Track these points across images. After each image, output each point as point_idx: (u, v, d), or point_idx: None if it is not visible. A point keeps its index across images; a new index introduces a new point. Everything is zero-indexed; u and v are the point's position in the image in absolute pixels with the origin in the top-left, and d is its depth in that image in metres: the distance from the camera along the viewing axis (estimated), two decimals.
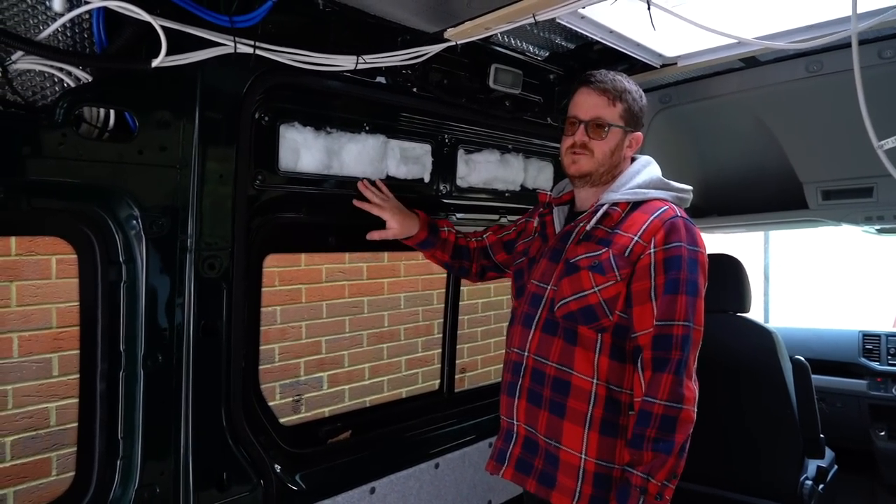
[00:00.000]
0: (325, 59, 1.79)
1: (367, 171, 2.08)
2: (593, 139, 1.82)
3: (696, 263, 1.71)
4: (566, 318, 1.77)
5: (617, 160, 1.86)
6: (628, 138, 1.86)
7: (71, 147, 1.43)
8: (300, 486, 1.99)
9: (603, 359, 1.74)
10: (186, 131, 1.61)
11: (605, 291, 1.73)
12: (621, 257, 1.73)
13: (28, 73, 1.41)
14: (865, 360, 3.80)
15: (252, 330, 1.95)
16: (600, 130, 1.82)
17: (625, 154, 1.87)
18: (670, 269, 1.69)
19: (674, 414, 1.62)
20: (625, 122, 1.84)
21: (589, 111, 1.83)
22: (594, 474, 1.71)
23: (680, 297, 1.67)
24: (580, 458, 1.72)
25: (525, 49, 2.30)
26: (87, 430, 1.65)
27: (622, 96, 1.83)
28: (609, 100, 1.82)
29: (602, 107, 1.82)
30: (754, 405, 2.79)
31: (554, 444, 1.76)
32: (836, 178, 2.83)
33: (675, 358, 1.64)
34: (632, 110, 1.85)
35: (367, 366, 4.23)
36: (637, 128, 1.88)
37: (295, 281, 3.80)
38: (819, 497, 2.74)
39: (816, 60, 2.40)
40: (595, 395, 1.73)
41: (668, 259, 1.70)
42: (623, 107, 1.83)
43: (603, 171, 1.85)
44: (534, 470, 1.81)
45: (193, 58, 1.54)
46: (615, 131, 1.83)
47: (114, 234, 1.60)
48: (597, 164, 1.84)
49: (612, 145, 1.83)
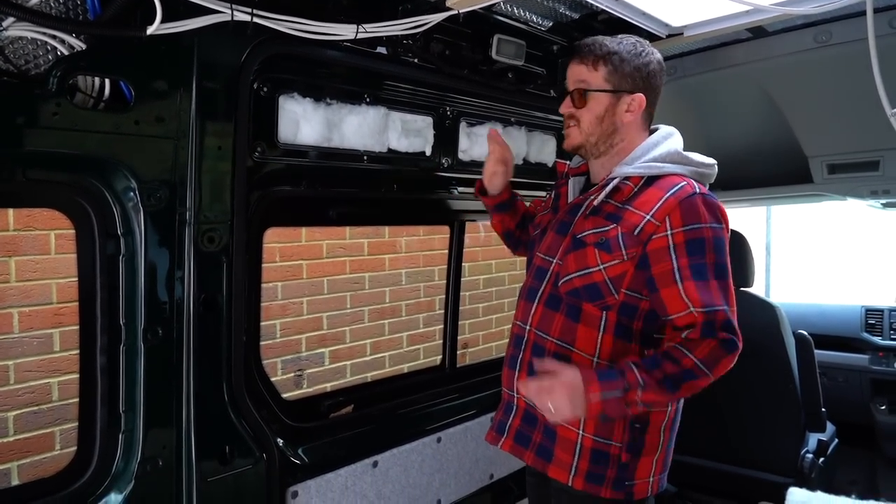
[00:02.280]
0: (325, 28, 1.75)
1: (368, 144, 2.05)
2: (578, 108, 1.77)
3: (721, 242, 1.63)
4: (570, 294, 1.73)
5: (610, 127, 1.76)
6: (623, 102, 1.74)
7: (65, 117, 1.40)
8: (302, 459, 2.00)
9: (607, 337, 1.69)
10: (184, 101, 1.58)
11: (610, 270, 1.67)
12: (630, 236, 1.65)
13: (20, 41, 1.39)
14: (868, 335, 3.80)
15: (253, 304, 1.94)
16: (582, 98, 1.75)
17: (623, 119, 1.75)
18: (695, 252, 1.60)
19: (697, 374, 1.55)
20: (612, 85, 1.73)
21: (571, 80, 1.79)
22: (591, 450, 1.70)
23: (712, 282, 1.59)
24: (578, 434, 1.71)
25: (528, 19, 2.26)
26: (89, 404, 1.65)
27: (605, 59, 1.72)
28: (589, 65, 1.74)
29: (582, 73, 1.76)
30: (757, 379, 2.79)
31: None
32: (842, 151, 2.80)
33: (723, 337, 1.57)
34: (620, 71, 1.72)
35: (369, 342, 4.23)
36: (634, 89, 1.74)
37: (296, 257, 3.78)
38: (819, 470, 2.76)
39: (825, 30, 2.35)
40: None
41: (690, 242, 1.60)
42: (607, 69, 1.72)
43: (596, 141, 1.78)
44: (532, 443, 1.80)
45: (189, 25, 1.50)
46: (599, 96, 1.74)
47: (111, 206, 1.58)
48: (585, 133, 1.77)
49: (599, 112, 1.75)
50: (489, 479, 2.62)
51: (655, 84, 1.79)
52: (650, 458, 1.72)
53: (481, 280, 4.92)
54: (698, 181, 1.73)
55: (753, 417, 2.82)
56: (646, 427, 1.70)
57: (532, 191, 2.75)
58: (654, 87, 1.79)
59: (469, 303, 4.79)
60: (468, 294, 4.76)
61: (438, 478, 2.40)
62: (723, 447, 2.92)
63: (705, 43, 2.58)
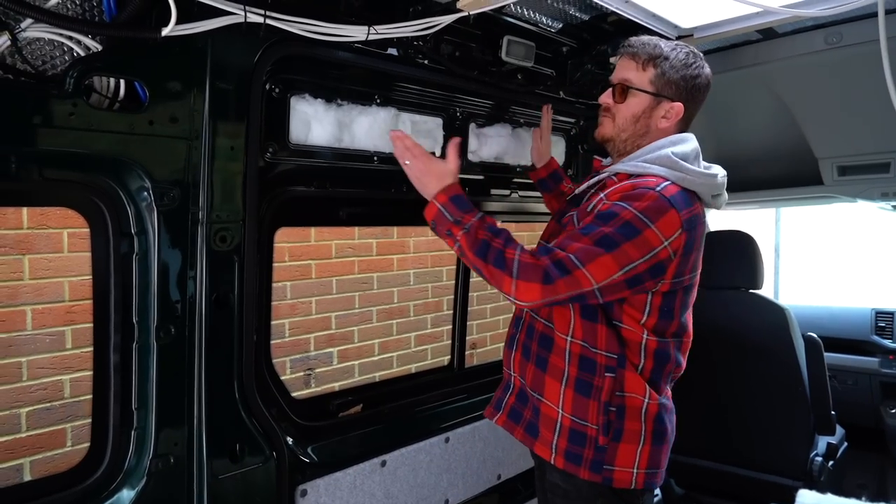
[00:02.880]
0: (337, 30, 1.76)
1: (378, 145, 2.06)
2: (617, 102, 1.79)
3: (633, 231, 1.56)
4: None
5: (643, 128, 1.78)
6: (662, 107, 1.76)
7: (81, 117, 1.42)
8: (312, 458, 2.01)
9: (577, 317, 1.73)
10: (197, 102, 1.60)
11: None
12: (584, 212, 1.73)
13: (38, 42, 1.40)
14: (878, 338, 3.78)
15: (264, 303, 1.95)
16: (623, 94, 1.78)
17: (658, 124, 1.77)
18: (600, 218, 1.60)
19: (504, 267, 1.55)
20: (655, 89, 1.75)
21: (617, 73, 1.81)
22: (569, 429, 1.74)
23: (586, 239, 1.57)
24: (558, 413, 1.75)
25: (538, 20, 2.26)
26: (102, 401, 1.66)
27: (655, 61, 1.74)
28: (638, 64, 1.76)
29: (630, 70, 1.78)
30: (766, 382, 2.79)
31: (537, 397, 1.80)
32: (853, 153, 2.79)
33: (544, 264, 1.54)
34: (667, 77, 1.74)
35: (377, 342, 4.24)
36: (677, 97, 1.75)
37: (305, 256, 3.80)
38: (829, 473, 2.75)
39: (836, 32, 2.34)
40: (570, 352, 1.73)
41: (607, 212, 1.61)
42: (655, 72, 1.74)
43: (626, 137, 1.80)
44: (522, 419, 1.86)
45: (203, 27, 1.52)
46: (640, 96, 1.76)
47: (125, 205, 1.59)
48: (618, 128, 1.81)
49: (637, 111, 1.77)
50: (497, 479, 2.62)
51: (699, 98, 1.81)
52: (632, 447, 1.72)
53: None
54: (687, 188, 1.69)
55: (762, 420, 2.81)
56: (622, 411, 1.71)
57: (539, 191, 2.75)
58: (696, 101, 1.80)
59: (477, 303, 4.79)
60: (476, 294, 4.76)
61: (446, 478, 2.41)
62: (731, 449, 2.91)
63: (715, 44, 2.57)
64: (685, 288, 1.74)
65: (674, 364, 1.77)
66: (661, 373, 1.75)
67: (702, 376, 2.94)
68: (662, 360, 1.74)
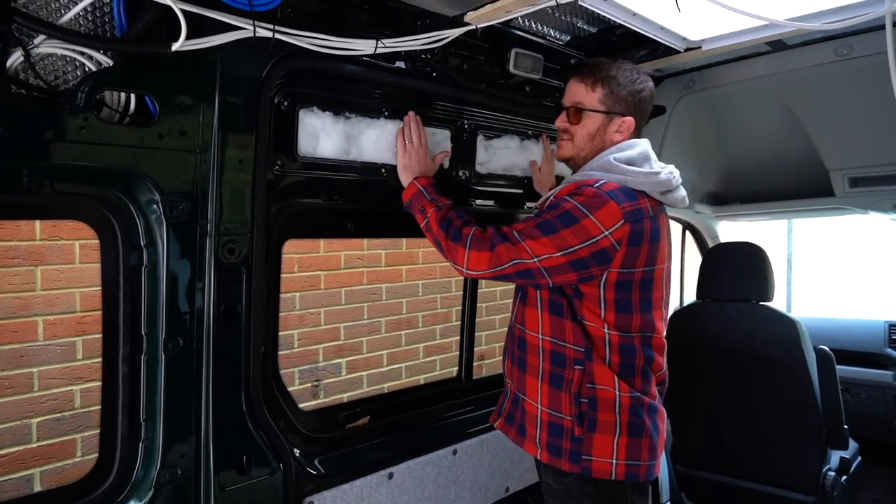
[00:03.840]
0: (345, 44, 1.78)
1: (386, 157, 2.07)
2: (573, 124, 1.92)
3: (572, 219, 1.71)
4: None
5: (600, 144, 1.91)
6: (615, 123, 1.89)
7: (92, 131, 1.44)
8: (319, 470, 2.01)
9: (545, 314, 1.86)
10: (206, 116, 1.62)
11: None
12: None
13: (50, 58, 1.42)
14: (891, 351, 3.74)
15: (272, 315, 1.96)
16: (577, 115, 1.91)
17: (612, 139, 1.90)
18: (545, 210, 1.79)
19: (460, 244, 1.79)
20: (606, 107, 1.88)
21: (568, 97, 1.95)
22: (548, 423, 1.84)
23: (529, 222, 1.76)
24: (538, 408, 1.86)
25: (546, 33, 2.27)
26: (110, 412, 1.67)
27: (603, 82, 1.87)
28: (587, 85, 1.90)
29: (580, 93, 1.91)
30: (777, 395, 2.76)
31: (522, 397, 1.93)
32: (864, 164, 2.77)
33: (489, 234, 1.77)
34: (615, 94, 1.87)
35: (386, 352, 4.24)
36: (626, 112, 1.89)
37: (314, 267, 3.81)
38: (842, 488, 2.71)
39: (846, 44, 2.34)
40: (542, 349, 1.85)
41: (551, 204, 1.79)
42: (604, 91, 1.88)
43: (585, 155, 1.92)
44: (514, 421, 1.97)
45: (213, 42, 1.54)
46: (593, 116, 1.89)
47: (135, 218, 1.61)
48: (577, 148, 1.93)
49: (592, 130, 1.90)
50: (505, 492, 2.61)
51: (645, 109, 1.96)
52: (609, 438, 1.77)
53: (498, 292, 4.91)
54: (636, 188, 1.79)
55: (774, 433, 2.78)
56: (594, 402, 1.78)
57: None
58: (643, 112, 1.95)
59: (486, 314, 4.78)
60: (485, 306, 4.75)
61: (454, 490, 2.40)
62: (742, 464, 2.88)
63: (724, 56, 2.57)
64: (641, 282, 1.78)
65: (644, 360, 1.82)
66: (631, 367, 1.81)
67: (712, 389, 2.91)
68: (629, 354, 1.80)
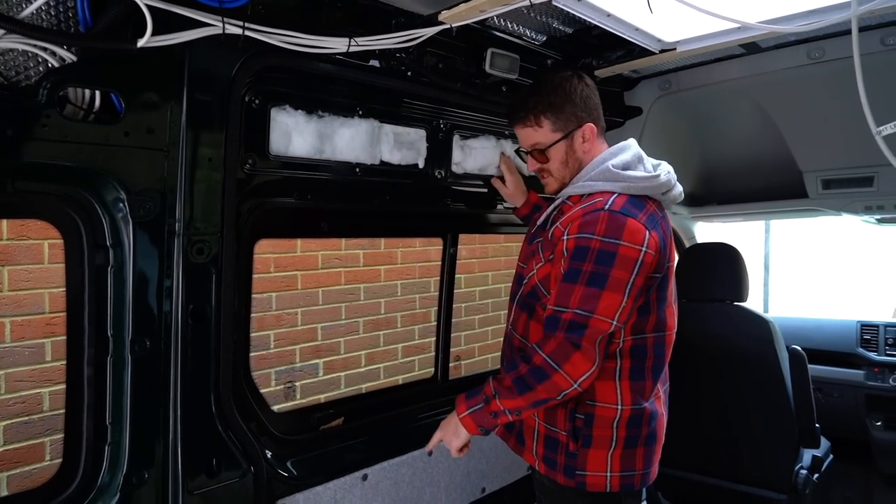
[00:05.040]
0: (317, 42, 1.76)
1: (360, 157, 2.05)
2: (543, 163, 1.94)
3: (609, 256, 1.66)
4: (527, 294, 1.91)
5: (576, 163, 1.90)
6: (577, 137, 1.89)
7: (55, 129, 1.41)
8: (291, 472, 1.99)
9: None
10: (174, 114, 1.59)
11: (539, 272, 1.85)
12: (547, 241, 1.83)
13: (10, 53, 1.39)
14: (863, 351, 3.78)
15: (242, 316, 1.93)
16: (542, 154, 1.92)
17: (584, 149, 1.90)
18: (575, 258, 1.70)
19: (549, 372, 1.65)
20: (561, 132, 1.88)
21: (524, 143, 1.97)
22: (544, 436, 1.85)
23: (578, 286, 1.67)
24: (535, 421, 1.87)
25: (522, 33, 2.27)
26: (75, 415, 1.64)
27: (543, 113, 1.87)
28: (532, 126, 1.90)
29: (531, 135, 1.92)
30: (750, 394, 2.78)
31: None
32: (837, 167, 2.80)
33: (561, 337, 1.65)
34: (561, 115, 1.87)
35: (364, 353, 4.22)
36: (581, 122, 1.88)
37: (290, 267, 3.78)
38: (813, 486, 2.74)
39: (818, 47, 2.36)
40: None
41: (577, 248, 1.70)
42: (549, 121, 1.87)
43: (570, 177, 1.92)
44: (514, 430, 1.98)
45: (180, 38, 1.51)
46: (555, 146, 1.89)
47: (100, 217, 1.58)
48: (559, 179, 1.94)
49: (562, 157, 1.90)
50: (481, 492, 2.60)
51: (594, 104, 1.93)
52: (603, 453, 1.77)
53: (477, 292, 4.91)
54: (634, 194, 1.78)
55: (747, 432, 2.81)
56: (591, 420, 1.77)
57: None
58: (594, 108, 1.93)
59: (465, 314, 4.78)
60: (464, 306, 4.75)
61: (429, 491, 2.39)
62: (716, 462, 2.90)
63: (699, 58, 2.59)
64: (660, 281, 1.79)
65: (654, 359, 1.82)
66: (641, 371, 1.80)
67: (686, 389, 2.93)
68: (640, 357, 1.79)
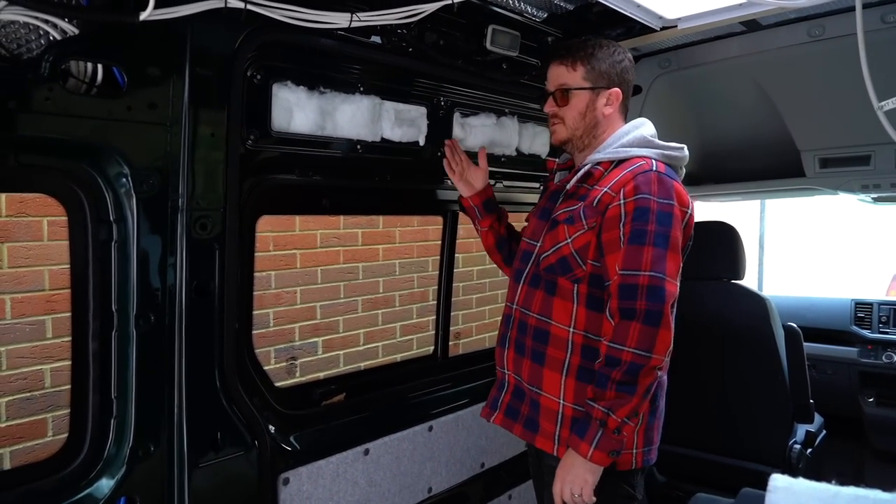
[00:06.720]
0: (319, 16, 1.75)
1: (361, 133, 2.05)
2: (561, 106, 1.91)
3: (668, 217, 1.71)
4: (547, 270, 1.87)
5: (592, 121, 1.91)
6: (602, 97, 1.89)
7: (58, 102, 1.40)
8: (294, 446, 2.01)
9: (581, 309, 1.80)
10: (176, 88, 1.58)
11: (575, 241, 1.80)
12: (591, 207, 1.79)
13: (12, 25, 1.37)
14: (857, 328, 3.83)
15: (245, 291, 1.94)
16: (564, 97, 1.90)
17: (604, 112, 1.90)
18: (637, 219, 1.71)
19: (641, 362, 1.64)
20: (590, 83, 1.88)
21: (552, 82, 1.94)
22: (571, 418, 1.79)
23: (647, 248, 1.68)
24: (559, 404, 1.81)
25: (523, 10, 2.25)
26: (81, 389, 1.65)
27: (582, 60, 1.88)
28: (568, 66, 1.89)
29: (562, 75, 1.91)
30: (746, 370, 2.82)
31: (536, 391, 1.86)
32: (834, 145, 2.81)
33: (643, 308, 1.65)
34: (597, 69, 1.88)
35: (362, 331, 4.24)
36: (611, 84, 1.90)
37: (289, 246, 3.78)
38: (807, 460, 2.79)
39: (818, 24, 2.36)
40: (572, 343, 1.80)
41: (637, 209, 1.71)
42: (585, 69, 1.88)
43: (581, 134, 1.92)
44: (520, 416, 1.92)
45: (182, 11, 1.49)
46: (580, 94, 1.89)
47: (104, 192, 1.57)
48: (570, 129, 1.92)
49: (581, 108, 1.90)
50: (480, 467, 2.64)
51: (628, 79, 1.95)
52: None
53: (475, 271, 4.92)
54: (668, 163, 1.84)
55: (742, 408, 2.85)
56: None
57: (524, 181, 2.75)
58: (627, 82, 1.95)
59: (463, 294, 4.80)
60: (462, 285, 4.77)
61: (430, 466, 2.42)
62: (712, 437, 2.95)
63: (700, 36, 2.58)
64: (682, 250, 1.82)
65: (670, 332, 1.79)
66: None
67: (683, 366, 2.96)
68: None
